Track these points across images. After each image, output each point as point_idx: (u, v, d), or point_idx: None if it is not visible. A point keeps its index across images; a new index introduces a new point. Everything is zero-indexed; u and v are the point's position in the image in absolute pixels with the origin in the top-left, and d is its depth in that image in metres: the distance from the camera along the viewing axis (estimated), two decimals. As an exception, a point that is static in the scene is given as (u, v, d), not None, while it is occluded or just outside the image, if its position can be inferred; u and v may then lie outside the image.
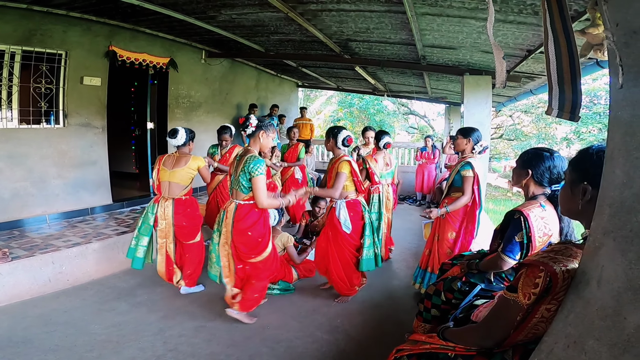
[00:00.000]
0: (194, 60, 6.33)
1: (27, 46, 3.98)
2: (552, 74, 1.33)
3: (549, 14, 1.30)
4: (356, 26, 4.11)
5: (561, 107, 1.31)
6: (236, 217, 2.56)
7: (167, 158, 3.15)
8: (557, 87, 1.32)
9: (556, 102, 1.33)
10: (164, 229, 3.07)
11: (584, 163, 1.11)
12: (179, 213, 3.08)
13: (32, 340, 2.44)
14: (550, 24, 1.30)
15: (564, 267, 0.96)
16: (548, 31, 1.32)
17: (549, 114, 1.36)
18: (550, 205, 1.74)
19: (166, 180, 3.06)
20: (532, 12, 2.73)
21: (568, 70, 1.28)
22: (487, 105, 4.89)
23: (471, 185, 2.85)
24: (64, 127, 4.43)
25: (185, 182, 3.09)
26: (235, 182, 2.58)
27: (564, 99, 1.31)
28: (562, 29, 1.28)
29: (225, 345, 2.48)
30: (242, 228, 2.55)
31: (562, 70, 1.30)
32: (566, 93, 1.30)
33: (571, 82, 1.28)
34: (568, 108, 1.30)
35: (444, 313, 1.96)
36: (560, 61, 1.30)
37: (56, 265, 3.25)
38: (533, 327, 1.03)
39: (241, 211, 2.56)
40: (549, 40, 1.32)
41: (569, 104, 1.30)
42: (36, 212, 4.21)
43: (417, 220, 5.67)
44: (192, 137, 3.21)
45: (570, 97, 1.29)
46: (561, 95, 1.31)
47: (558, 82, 1.32)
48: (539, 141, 14.82)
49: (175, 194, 3.08)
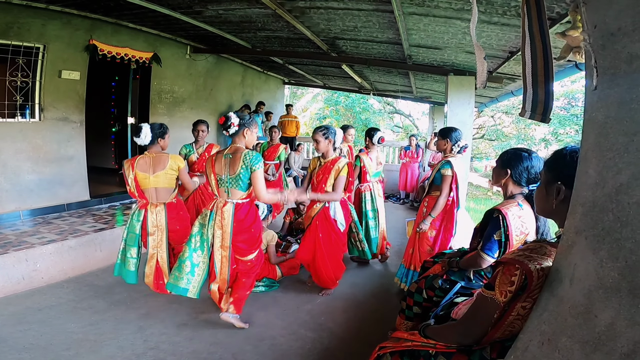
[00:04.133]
0: (179, 55, 6.21)
1: (4, 39, 3.83)
2: (527, 76, 1.36)
3: (527, 17, 1.33)
4: (344, 24, 4.12)
5: (534, 109, 1.34)
6: (236, 216, 2.50)
7: (141, 161, 2.79)
8: (532, 89, 1.35)
9: (529, 104, 1.36)
10: (156, 238, 2.82)
11: (558, 163, 1.14)
12: (173, 217, 2.87)
13: (6, 339, 2.37)
14: (528, 27, 1.33)
15: (539, 266, 0.99)
16: (525, 34, 1.34)
17: (522, 116, 1.39)
18: (527, 205, 1.79)
19: (151, 187, 2.80)
20: (515, 14, 2.78)
21: (542, 72, 1.31)
22: (469, 106, 4.99)
23: (449, 184, 2.91)
24: (39, 121, 4.28)
25: (171, 184, 2.87)
26: (231, 181, 2.47)
27: (537, 101, 1.34)
28: (539, 32, 1.31)
29: (208, 343, 2.45)
30: (245, 226, 2.52)
31: (536, 72, 1.33)
32: (539, 95, 1.32)
33: (544, 84, 1.31)
34: (540, 110, 1.33)
35: (426, 310, 1.99)
36: (536, 64, 1.33)
37: (30, 262, 3.14)
38: (509, 324, 1.06)
39: (241, 210, 2.51)
40: (525, 42, 1.35)
41: (541, 105, 1.33)
42: (9, 208, 4.05)
43: (400, 219, 5.73)
44: (162, 134, 2.87)
45: (543, 99, 1.32)
46: (534, 97, 1.34)
47: (532, 84, 1.34)
48: (519, 142, 15.21)
49: (165, 198, 2.84)
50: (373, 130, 4.01)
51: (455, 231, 3.06)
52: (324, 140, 3.06)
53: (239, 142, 2.56)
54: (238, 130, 2.53)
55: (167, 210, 2.84)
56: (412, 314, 2.06)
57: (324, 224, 3.11)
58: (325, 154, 3.14)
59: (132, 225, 2.83)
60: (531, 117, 1.35)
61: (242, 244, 2.57)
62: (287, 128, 8.74)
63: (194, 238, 2.57)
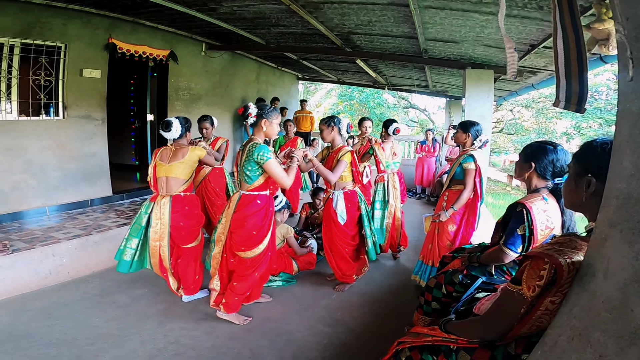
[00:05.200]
0: (194, 52, 6.28)
1: (27, 39, 3.94)
2: (560, 68, 1.34)
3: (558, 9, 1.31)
4: (358, 19, 4.08)
5: (568, 100, 1.33)
6: (238, 206, 2.51)
7: (164, 151, 2.88)
8: (565, 80, 1.33)
9: (563, 94, 1.34)
10: (157, 230, 2.75)
11: (588, 156, 1.11)
12: (177, 212, 2.77)
13: (33, 335, 2.44)
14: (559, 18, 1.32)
15: (569, 260, 0.96)
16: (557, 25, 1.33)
17: (557, 106, 1.37)
18: (552, 198, 1.74)
19: (163, 176, 2.78)
20: (536, 7, 2.71)
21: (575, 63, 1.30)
22: (488, 99, 4.88)
23: (473, 177, 2.85)
24: (63, 119, 4.41)
25: (184, 175, 2.81)
26: (240, 173, 2.53)
27: (571, 92, 1.32)
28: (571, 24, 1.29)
29: (226, 338, 2.49)
30: (241, 217, 2.49)
31: (569, 63, 1.32)
32: (573, 86, 1.31)
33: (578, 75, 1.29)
34: (575, 100, 1.31)
35: (445, 306, 1.97)
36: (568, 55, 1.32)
37: (56, 257, 3.24)
38: (537, 319, 1.04)
39: (244, 201, 2.51)
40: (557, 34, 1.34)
41: (575, 96, 1.31)
42: (36, 204, 4.20)
43: (417, 214, 5.67)
44: (189, 127, 2.96)
45: (577, 89, 1.30)
46: (568, 88, 1.33)
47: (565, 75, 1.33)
48: (539, 136, 14.81)
49: (173, 190, 2.79)
50: (390, 121, 4.00)
51: (478, 225, 3.01)
52: (327, 128, 3.09)
53: (257, 133, 2.54)
54: (256, 121, 2.50)
55: (172, 203, 2.77)
56: (431, 310, 2.04)
57: (326, 216, 3.17)
58: (332, 143, 3.16)
59: (139, 216, 2.80)
60: (565, 107, 1.34)
61: (235, 236, 2.54)
62: (301, 123, 8.75)
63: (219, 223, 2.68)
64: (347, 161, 3.03)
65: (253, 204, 2.50)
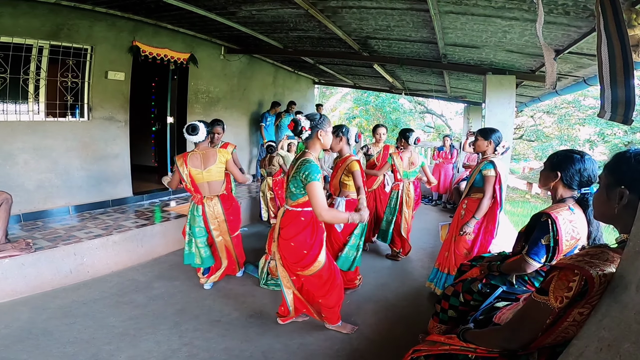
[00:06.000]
0: (214, 56, 6.39)
1: (55, 41, 4.07)
2: (605, 76, 1.30)
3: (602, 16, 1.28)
4: (376, 24, 4.07)
5: (614, 110, 1.29)
6: (282, 223, 2.37)
7: (192, 157, 3.02)
8: (610, 89, 1.29)
9: (609, 104, 1.30)
10: (218, 228, 3.14)
11: (621, 166, 1.08)
12: (228, 208, 3.18)
13: (52, 332, 2.49)
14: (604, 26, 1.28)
15: (601, 272, 0.93)
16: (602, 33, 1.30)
17: (602, 117, 1.33)
18: (579, 209, 1.69)
19: (204, 182, 3.05)
20: (562, 12, 2.65)
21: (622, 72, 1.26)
22: (510, 106, 4.78)
23: (492, 184, 2.79)
24: (88, 121, 4.53)
25: (221, 176, 3.12)
26: (286, 187, 2.40)
27: (617, 102, 1.28)
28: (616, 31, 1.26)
29: (240, 340, 2.50)
30: (286, 238, 2.34)
31: (614, 72, 1.28)
32: (619, 95, 1.27)
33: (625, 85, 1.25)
34: (621, 111, 1.27)
35: (462, 314, 1.93)
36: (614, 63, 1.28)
37: (77, 256, 3.31)
38: (563, 330, 1.01)
39: (288, 217, 2.35)
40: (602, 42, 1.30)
41: (622, 106, 1.27)
42: (59, 204, 4.33)
43: (433, 221, 5.60)
44: (210, 131, 3.16)
45: (624, 99, 1.26)
46: (614, 98, 1.28)
47: (611, 85, 1.29)
48: (561, 143, 14.42)
49: (217, 191, 3.12)
50: (408, 131, 4.00)
51: (497, 233, 2.94)
52: (335, 138, 3.08)
53: (312, 146, 2.31)
54: (312, 134, 2.27)
55: (221, 202, 3.13)
56: (447, 318, 2.00)
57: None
58: (340, 153, 3.17)
59: (193, 219, 3.09)
60: (612, 118, 1.30)
61: (286, 255, 2.39)
62: (317, 128, 8.77)
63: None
64: (358, 170, 2.94)
65: (297, 221, 2.33)
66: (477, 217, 2.83)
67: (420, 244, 4.65)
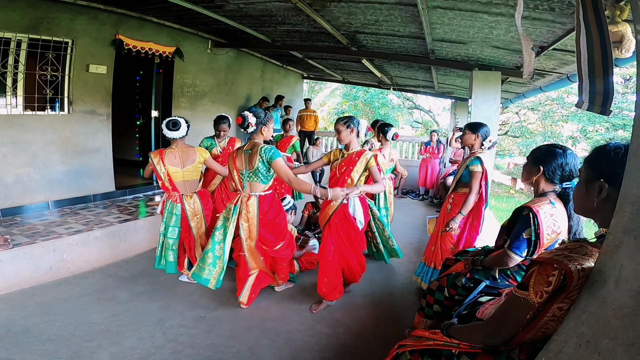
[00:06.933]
0: (200, 49, 6.28)
1: (34, 34, 3.94)
2: (583, 67, 1.30)
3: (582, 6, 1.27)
4: (365, 18, 4.05)
5: (592, 101, 1.29)
6: (261, 208, 2.66)
7: (169, 156, 2.95)
8: (588, 80, 1.29)
9: (587, 95, 1.30)
10: (197, 224, 3.17)
11: (600, 160, 1.08)
12: (206, 204, 3.23)
13: (31, 330, 2.43)
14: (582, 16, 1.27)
15: (580, 266, 0.94)
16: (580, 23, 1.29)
17: (580, 107, 1.33)
18: (560, 203, 1.71)
19: (181, 180, 3.06)
20: (547, 8, 2.67)
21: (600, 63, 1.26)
22: (495, 101, 4.84)
23: (479, 180, 2.81)
24: (68, 114, 4.41)
25: (198, 176, 3.18)
26: (251, 175, 2.64)
27: (595, 92, 1.28)
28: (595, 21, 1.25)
29: (225, 336, 2.47)
30: (270, 218, 2.70)
31: (593, 63, 1.27)
32: (597, 86, 1.27)
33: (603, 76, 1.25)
34: (599, 101, 1.27)
35: (447, 309, 1.94)
36: (592, 54, 1.27)
37: (57, 253, 3.23)
38: (543, 325, 1.01)
39: (265, 202, 2.68)
40: (580, 32, 1.29)
41: (600, 97, 1.27)
42: (39, 199, 4.21)
43: (420, 215, 5.64)
44: (189, 127, 3.07)
45: (602, 90, 1.26)
46: (592, 88, 1.28)
47: (589, 76, 1.29)
48: (545, 139, 14.70)
49: (194, 188, 3.17)
50: (386, 125, 3.90)
51: (482, 229, 2.97)
52: (345, 129, 2.83)
53: (257, 138, 2.72)
54: (256, 129, 2.69)
55: (200, 199, 3.18)
56: (432, 312, 2.01)
57: (343, 223, 2.89)
58: (348, 145, 2.89)
59: (169, 218, 3.07)
60: (589, 108, 1.30)
61: (269, 235, 2.72)
62: (305, 122, 8.74)
63: (217, 231, 2.70)
64: (375, 165, 2.83)
65: (275, 202, 2.75)
66: (463, 213, 2.84)
67: (407, 239, 4.68)
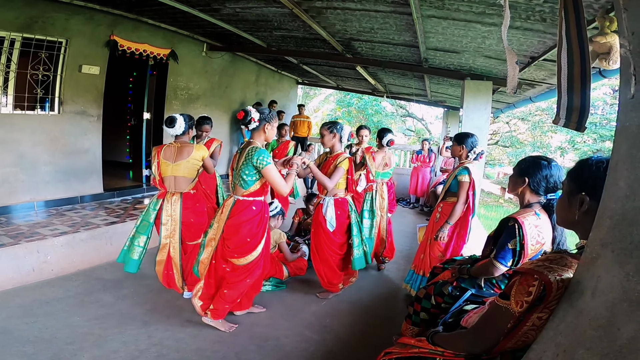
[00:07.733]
0: (195, 52, 6.27)
1: (28, 33, 3.91)
2: (562, 83, 1.31)
3: (565, 21, 1.28)
4: (360, 25, 4.09)
5: (568, 117, 1.30)
6: (232, 212, 2.43)
7: (167, 149, 2.85)
8: (567, 95, 1.30)
9: (564, 111, 1.31)
10: (169, 227, 2.82)
11: (582, 173, 1.10)
12: (188, 208, 2.85)
13: (12, 331, 2.38)
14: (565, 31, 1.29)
15: (559, 277, 0.95)
16: (562, 38, 1.30)
17: (556, 123, 1.34)
18: (544, 214, 1.74)
19: (170, 175, 2.82)
20: (539, 19, 2.70)
21: (579, 78, 1.27)
22: (486, 111, 4.91)
23: (466, 190, 2.85)
24: (58, 114, 4.36)
25: (191, 174, 2.87)
26: (236, 177, 2.46)
27: (572, 108, 1.29)
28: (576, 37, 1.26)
29: (212, 341, 2.45)
30: (235, 223, 2.42)
31: (572, 78, 1.28)
32: (575, 102, 1.28)
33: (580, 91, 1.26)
34: (575, 118, 1.28)
35: (433, 317, 1.95)
36: (572, 69, 1.28)
37: (41, 254, 3.17)
38: (523, 335, 1.02)
39: (238, 206, 2.43)
40: (562, 47, 1.30)
41: (576, 113, 1.28)
42: (24, 199, 4.14)
43: (410, 223, 5.67)
44: (192, 125, 2.96)
45: (578, 106, 1.27)
46: (569, 104, 1.29)
47: (567, 91, 1.30)
48: (534, 149, 14.95)
49: (182, 188, 2.85)
50: (384, 131, 3.95)
51: (468, 238, 3.00)
52: (329, 134, 3.06)
53: (258, 137, 2.50)
54: (259, 126, 2.45)
55: (182, 200, 2.83)
56: (419, 320, 2.02)
57: (315, 221, 3.13)
58: (332, 149, 3.13)
59: (147, 213, 2.83)
60: (565, 125, 1.30)
61: (228, 242, 2.46)
62: (299, 128, 8.75)
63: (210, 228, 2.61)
64: (344, 168, 3.00)
65: (248, 210, 2.43)
66: (450, 222, 2.88)
67: (397, 246, 4.67)
